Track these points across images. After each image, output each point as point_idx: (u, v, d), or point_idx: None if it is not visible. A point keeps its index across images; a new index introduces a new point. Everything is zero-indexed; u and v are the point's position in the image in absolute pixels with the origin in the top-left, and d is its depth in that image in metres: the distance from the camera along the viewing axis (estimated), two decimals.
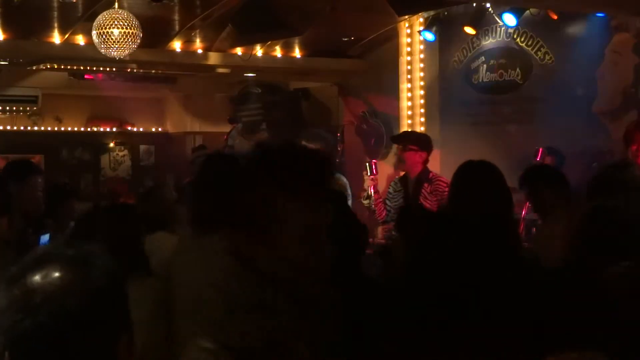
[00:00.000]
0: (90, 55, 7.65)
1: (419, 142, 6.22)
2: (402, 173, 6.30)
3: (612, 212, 2.79)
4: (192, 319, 3.36)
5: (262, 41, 8.71)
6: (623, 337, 2.25)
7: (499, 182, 3.12)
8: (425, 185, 5.89)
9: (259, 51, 8.98)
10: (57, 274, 1.38)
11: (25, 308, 1.35)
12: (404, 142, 6.13)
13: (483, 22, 8.06)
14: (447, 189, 5.77)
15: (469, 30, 8.01)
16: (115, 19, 6.46)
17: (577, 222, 2.85)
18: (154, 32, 7.69)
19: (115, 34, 6.45)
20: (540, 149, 6.33)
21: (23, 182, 4.87)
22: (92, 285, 1.39)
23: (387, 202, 6.18)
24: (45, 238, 4.74)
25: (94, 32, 6.53)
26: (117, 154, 12.27)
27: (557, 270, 2.85)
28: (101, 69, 9.60)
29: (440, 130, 8.74)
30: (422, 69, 8.89)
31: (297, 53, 9.30)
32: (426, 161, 6.11)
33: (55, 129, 11.75)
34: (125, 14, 6.53)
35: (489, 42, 8.19)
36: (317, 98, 10.85)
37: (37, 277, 1.37)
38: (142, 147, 12.46)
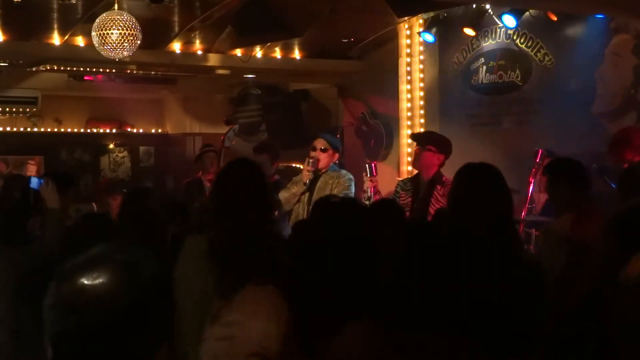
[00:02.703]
0: (90, 57, 7.65)
1: (439, 143, 6.19)
2: (407, 173, 6.27)
3: None
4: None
5: (262, 42, 8.72)
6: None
7: (499, 185, 3.10)
8: (438, 187, 5.88)
9: (258, 52, 8.98)
10: (106, 277, 1.41)
11: (72, 307, 1.39)
12: (425, 142, 6.12)
13: (483, 24, 8.07)
14: None
15: (469, 31, 8.02)
16: (115, 21, 6.46)
17: (612, 220, 2.85)
18: (154, 34, 7.69)
19: (115, 35, 6.45)
20: (540, 150, 6.34)
21: (63, 195, 4.91)
22: (138, 291, 1.42)
23: None
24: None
25: (93, 34, 6.53)
26: (117, 155, 12.27)
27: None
28: (101, 70, 9.61)
29: (440, 132, 8.70)
30: (421, 70, 8.89)
31: (296, 54, 9.31)
32: (442, 164, 6.09)
33: (55, 130, 11.76)
34: (124, 15, 6.53)
35: (488, 44, 8.19)
36: (316, 99, 10.85)
37: (86, 278, 1.41)
38: (142, 149, 12.46)
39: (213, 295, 3.23)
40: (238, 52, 8.82)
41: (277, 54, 9.17)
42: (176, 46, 8.54)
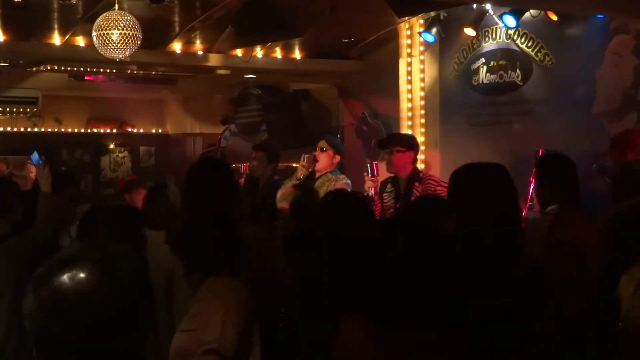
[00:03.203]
0: (91, 57, 7.65)
1: (405, 142, 6.25)
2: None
3: None
4: None
5: (262, 42, 8.72)
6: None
7: (502, 184, 3.08)
8: (417, 184, 5.91)
9: (259, 52, 8.98)
10: (84, 276, 1.37)
11: (54, 311, 1.35)
12: (392, 145, 6.14)
13: (483, 24, 8.06)
14: (438, 188, 5.81)
15: (469, 31, 8.02)
16: (115, 21, 6.46)
17: (612, 220, 2.85)
18: (154, 34, 7.69)
19: (115, 35, 6.45)
20: (540, 150, 6.33)
21: (61, 193, 4.92)
22: (119, 287, 1.39)
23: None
24: None
25: (94, 34, 6.53)
26: (117, 155, 12.28)
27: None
28: (101, 70, 9.61)
29: (441, 132, 8.75)
30: (422, 70, 8.89)
31: (297, 54, 9.30)
32: (415, 161, 6.13)
33: (56, 130, 11.76)
34: (125, 15, 6.53)
35: (489, 44, 8.19)
36: (317, 99, 10.85)
37: (64, 280, 1.37)
38: (142, 149, 12.47)
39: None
40: (238, 52, 8.82)
41: (278, 54, 9.17)
42: (176, 46, 8.54)
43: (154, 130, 12.63)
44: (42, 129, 11.65)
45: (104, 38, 6.46)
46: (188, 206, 3.93)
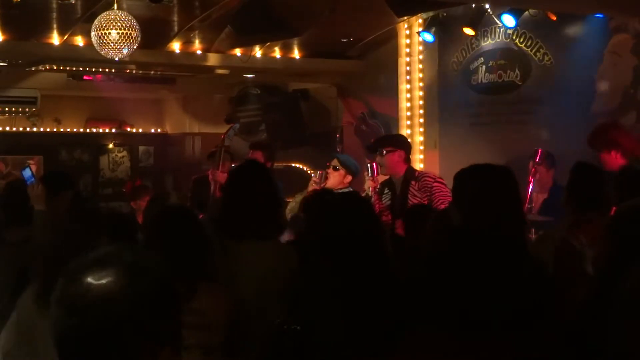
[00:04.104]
0: (89, 57, 7.65)
1: (393, 141, 6.27)
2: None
3: None
4: None
5: (261, 42, 8.72)
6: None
7: (508, 185, 3.08)
8: (413, 183, 5.92)
9: (258, 52, 8.98)
10: (111, 278, 1.41)
11: (74, 305, 1.40)
12: (380, 147, 6.15)
13: (482, 23, 8.06)
14: (435, 184, 5.82)
15: (468, 31, 8.01)
16: (114, 20, 6.46)
17: (611, 221, 2.84)
18: (153, 33, 7.68)
19: (114, 35, 6.45)
20: (540, 150, 6.33)
21: (58, 196, 4.93)
22: (142, 293, 1.42)
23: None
24: None
25: (93, 33, 6.53)
26: (116, 155, 12.27)
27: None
28: (100, 70, 9.60)
29: (440, 131, 8.76)
30: (421, 70, 8.89)
31: (296, 54, 9.30)
32: (407, 159, 6.13)
33: (54, 130, 11.75)
34: (124, 15, 6.53)
35: (488, 43, 8.19)
36: (316, 99, 10.85)
37: (91, 278, 1.41)
38: (141, 148, 12.46)
39: None
40: (237, 51, 8.82)
41: (277, 53, 9.17)
42: (175, 46, 8.54)
43: (153, 130, 12.62)
44: (41, 129, 11.64)
45: (103, 38, 6.45)
46: (230, 207, 3.84)
